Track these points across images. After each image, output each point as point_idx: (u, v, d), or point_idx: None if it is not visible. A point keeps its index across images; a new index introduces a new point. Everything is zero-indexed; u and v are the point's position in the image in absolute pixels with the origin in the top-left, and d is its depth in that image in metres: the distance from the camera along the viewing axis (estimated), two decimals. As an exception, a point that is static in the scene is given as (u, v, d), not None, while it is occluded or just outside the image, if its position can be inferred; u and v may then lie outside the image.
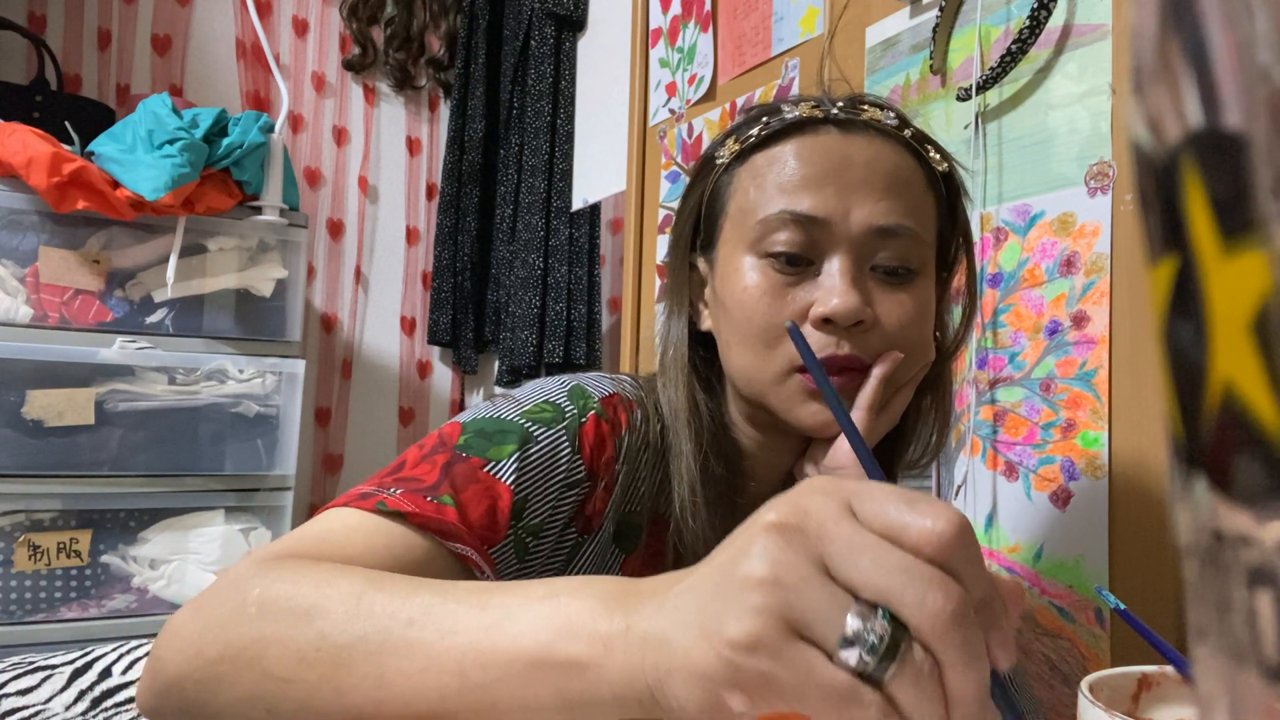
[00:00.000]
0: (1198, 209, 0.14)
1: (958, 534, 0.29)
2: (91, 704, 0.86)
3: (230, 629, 0.42)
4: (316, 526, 0.50)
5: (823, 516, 0.30)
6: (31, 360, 1.41)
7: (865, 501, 0.31)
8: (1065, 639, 0.82)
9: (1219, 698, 0.15)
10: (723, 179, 0.64)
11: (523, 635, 0.36)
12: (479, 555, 0.52)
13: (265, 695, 0.41)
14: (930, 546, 0.29)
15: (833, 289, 0.57)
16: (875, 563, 0.29)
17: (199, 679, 0.42)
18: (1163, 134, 0.14)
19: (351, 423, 2.15)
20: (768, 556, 0.30)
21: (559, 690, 0.35)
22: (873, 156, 0.59)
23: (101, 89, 1.91)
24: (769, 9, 1.27)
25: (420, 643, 0.38)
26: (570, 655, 0.34)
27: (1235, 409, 0.13)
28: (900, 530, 0.30)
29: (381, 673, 0.38)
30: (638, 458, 0.62)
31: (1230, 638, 0.14)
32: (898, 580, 0.29)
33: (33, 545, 1.41)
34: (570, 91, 1.88)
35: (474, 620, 0.37)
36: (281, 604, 0.42)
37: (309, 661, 0.39)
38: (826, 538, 0.30)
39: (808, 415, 0.59)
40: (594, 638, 0.34)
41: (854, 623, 0.29)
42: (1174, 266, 0.14)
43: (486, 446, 0.55)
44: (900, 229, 0.58)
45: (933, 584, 0.29)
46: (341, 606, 0.40)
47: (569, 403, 0.60)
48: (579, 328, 1.89)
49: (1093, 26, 0.82)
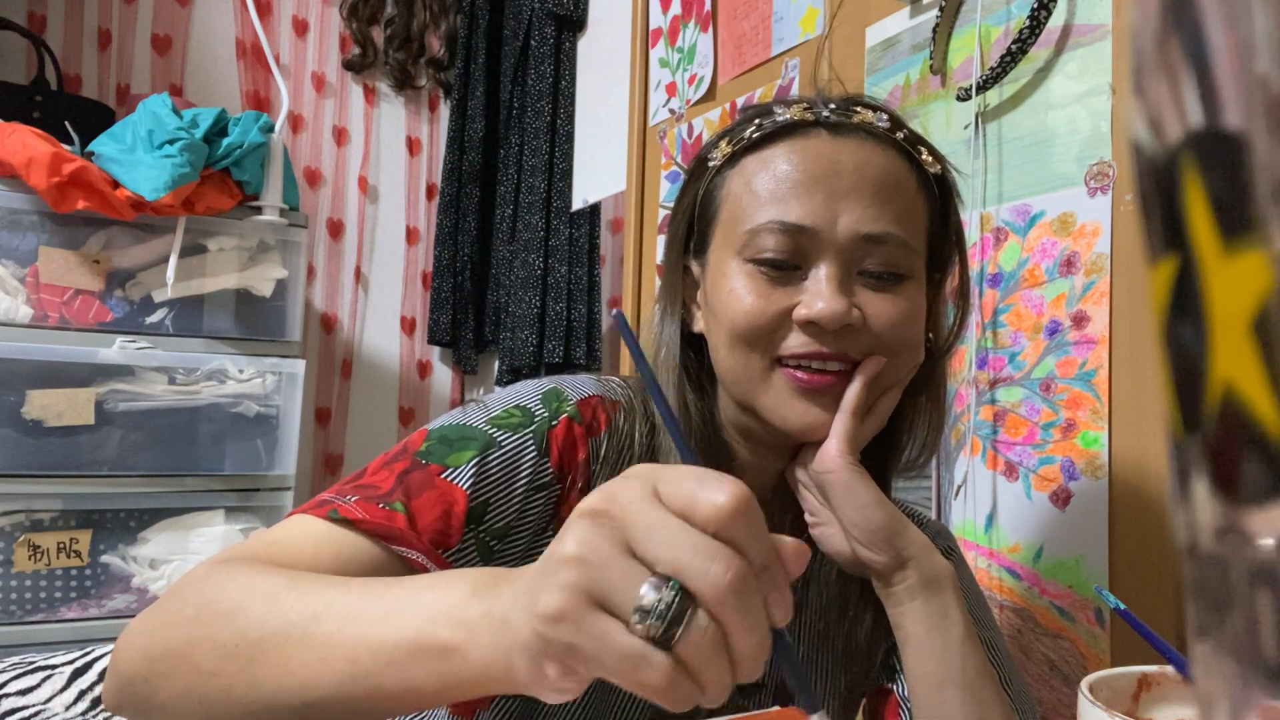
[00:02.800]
0: (1198, 209, 0.14)
1: (739, 508, 0.33)
2: (91, 704, 0.86)
3: (171, 629, 0.46)
4: (275, 533, 0.53)
5: (626, 500, 0.34)
6: (31, 360, 1.41)
7: (666, 484, 0.34)
8: (1065, 639, 0.82)
9: (1219, 697, 0.15)
10: (715, 181, 0.64)
11: (405, 625, 0.39)
12: (428, 558, 0.53)
13: (196, 689, 0.44)
14: (715, 521, 0.33)
15: (818, 294, 0.58)
16: (667, 539, 0.33)
17: (145, 676, 0.46)
18: (1163, 134, 0.14)
19: (351, 423, 2.15)
20: (577, 538, 0.34)
21: (434, 672, 0.38)
22: (863, 161, 0.59)
23: (101, 89, 1.91)
24: (769, 9, 1.27)
25: (320, 634, 0.41)
26: (440, 640, 0.38)
27: (1235, 409, 0.13)
28: (692, 508, 0.33)
29: (287, 663, 0.42)
30: (619, 457, 0.62)
31: (1230, 638, 0.14)
32: (685, 554, 0.32)
33: (33, 545, 1.41)
34: (570, 91, 1.88)
35: (369, 612, 0.41)
36: (212, 605, 0.45)
37: (229, 655, 0.43)
38: (629, 519, 0.34)
39: (795, 415, 0.59)
40: (460, 623, 0.38)
41: (647, 593, 0.32)
42: (1174, 266, 0.14)
43: (446, 453, 0.57)
44: (888, 236, 0.58)
45: (715, 556, 0.32)
46: (259, 605, 0.44)
47: (541, 407, 0.61)
48: (579, 328, 1.89)
49: (1093, 26, 0.82)
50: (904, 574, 0.58)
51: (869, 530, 0.58)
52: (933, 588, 0.58)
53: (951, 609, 0.58)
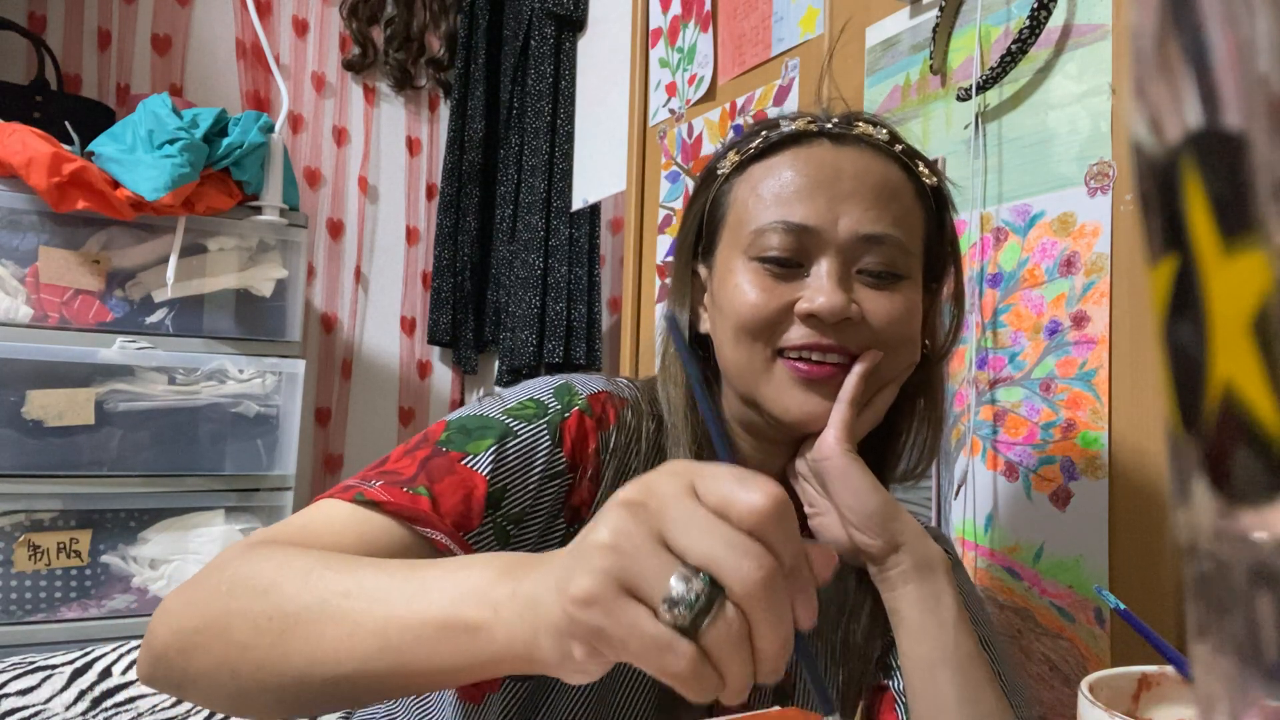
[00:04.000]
0: (1198, 209, 0.14)
1: (775, 509, 0.34)
2: (91, 704, 0.86)
3: (206, 605, 0.48)
4: (302, 517, 0.55)
5: (665, 493, 0.35)
6: (31, 360, 1.41)
7: (705, 481, 0.35)
8: (1065, 639, 0.82)
9: (1219, 697, 0.15)
10: (723, 188, 0.67)
11: (433, 603, 0.41)
12: (452, 540, 0.55)
13: (230, 661, 0.46)
14: (750, 520, 0.34)
15: (819, 288, 0.61)
16: (703, 534, 0.34)
17: (180, 648, 0.48)
18: (1163, 134, 0.14)
19: (351, 423, 2.15)
20: (612, 526, 0.35)
21: (459, 649, 0.40)
22: (863, 168, 0.63)
23: (101, 89, 1.91)
24: (769, 9, 1.27)
25: (351, 611, 0.43)
26: (466, 618, 0.39)
27: (1235, 409, 0.13)
28: (728, 506, 0.34)
29: (319, 637, 0.43)
30: (627, 450, 0.65)
31: (1230, 638, 0.14)
32: (719, 549, 0.33)
33: (33, 545, 1.41)
34: (570, 91, 1.88)
35: (399, 591, 0.43)
36: (247, 582, 0.47)
37: (262, 630, 0.45)
38: (666, 512, 0.35)
39: (796, 405, 0.62)
40: (486, 602, 0.39)
41: (677, 584, 0.33)
42: (1174, 266, 0.14)
43: (466, 441, 0.59)
44: (886, 236, 0.62)
45: (748, 553, 0.33)
46: (293, 583, 0.46)
47: (554, 399, 0.63)
48: (579, 328, 1.89)
49: (1093, 26, 0.82)
50: (897, 558, 0.61)
51: (863, 514, 0.61)
52: (925, 572, 0.61)
53: (944, 594, 0.60)
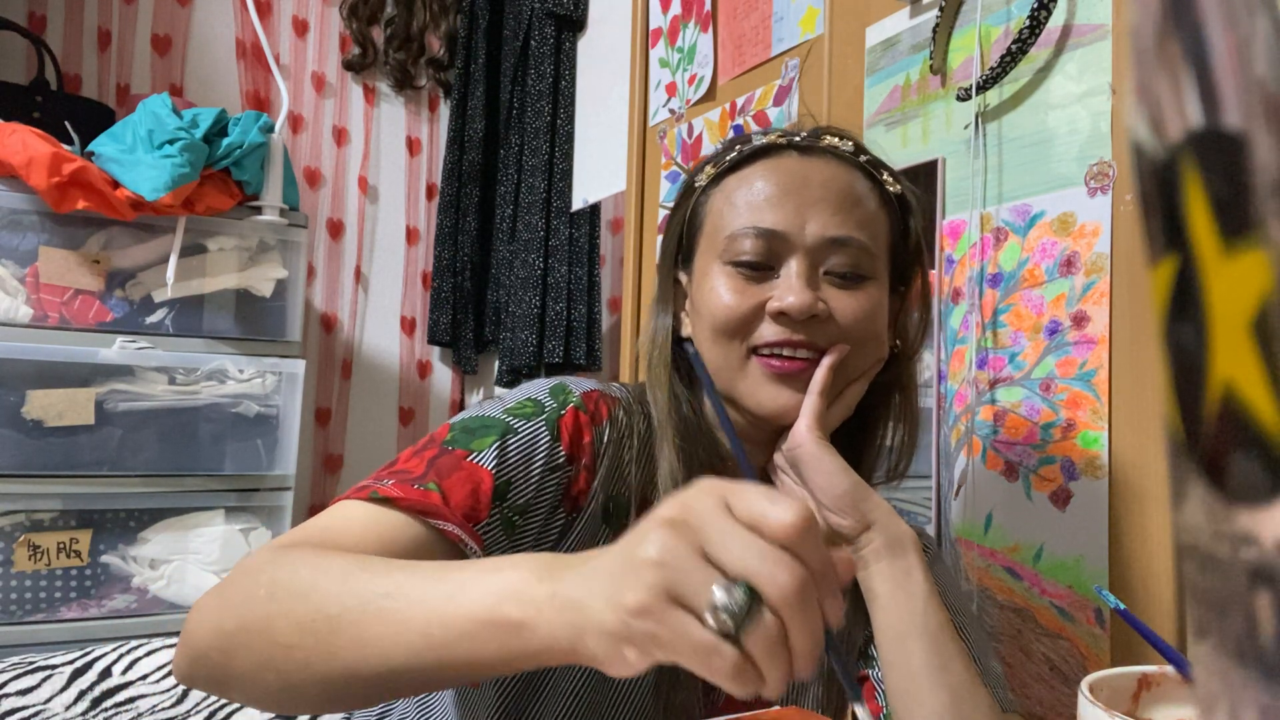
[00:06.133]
0: (1198, 209, 0.14)
1: (805, 525, 0.38)
2: (91, 704, 0.86)
3: (245, 607, 0.50)
4: (323, 519, 0.58)
5: (702, 511, 0.39)
6: (31, 360, 1.41)
7: (737, 498, 0.39)
8: (1065, 639, 0.82)
9: (1219, 697, 0.15)
10: (700, 200, 0.72)
11: (474, 601, 0.44)
12: (464, 531, 0.58)
13: (274, 660, 0.48)
14: (783, 534, 0.38)
15: (789, 288, 0.65)
16: (740, 548, 0.38)
17: (222, 648, 0.50)
18: (1163, 134, 0.14)
19: (351, 423, 2.15)
20: (659, 544, 0.38)
21: (501, 644, 0.43)
22: (829, 176, 0.68)
23: (101, 89, 1.91)
24: (769, 9, 1.27)
25: (394, 610, 0.46)
26: (509, 616, 0.42)
27: (1235, 409, 0.13)
28: (761, 521, 0.38)
29: (364, 636, 0.46)
30: (620, 444, 0.69)
31: (1230, 638, 0.14)
32: (755, 561, 0.37)
33: (33, 545, 1.41)
34: (570, 91, 1.88)
35: (437, 591, 0.45)
36: (286, 585, 0.50)
37: (307, 630, 0.47)
38: (705, 529, 0.39)
39: (770, 399, 0.67)
40: (527, 602, 0.42)
41: (719, 594, 0.37)
42: (1174, 266, 0.14)
43: (470, 440, 0.63)
44: (850, 239, 0.66)
45: (781, 564, 0.37)
46: (333, 584, 0.48)
47: (550, 398, 0.67)
48: (579, 328, 1.89)
49: (1093, 26, 0.82)
50: (870, 535, 0.65)
51: (835, 495, 0.65)
52: (896, 549, 0.64)
53: (914, 569, 0.64)
